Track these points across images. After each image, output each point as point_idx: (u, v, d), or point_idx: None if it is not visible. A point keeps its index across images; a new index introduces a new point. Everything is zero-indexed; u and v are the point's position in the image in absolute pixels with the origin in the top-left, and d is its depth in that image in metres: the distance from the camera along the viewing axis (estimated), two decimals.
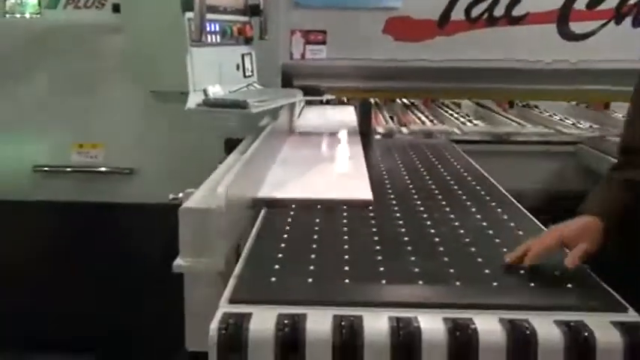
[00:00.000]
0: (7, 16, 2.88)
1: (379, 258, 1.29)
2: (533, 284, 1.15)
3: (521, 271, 1.21)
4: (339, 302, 1.06)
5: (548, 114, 3.78)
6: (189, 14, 1.83)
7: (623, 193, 1.24)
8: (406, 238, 1.43)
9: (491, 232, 1.49)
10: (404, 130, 3.30)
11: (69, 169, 2.85)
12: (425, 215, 1.63)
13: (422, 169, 2.21)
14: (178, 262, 1.27)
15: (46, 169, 2.82)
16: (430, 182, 2.02)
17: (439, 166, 2.29)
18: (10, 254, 2.70)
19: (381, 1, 2.66)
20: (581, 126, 3.44)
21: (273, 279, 1.16)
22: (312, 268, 1.22)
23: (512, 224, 1.57)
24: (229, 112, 1.88)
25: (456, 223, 1.56)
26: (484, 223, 1.57)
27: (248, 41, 2.27)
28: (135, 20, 1.89)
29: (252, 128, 2.13)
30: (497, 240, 1.43)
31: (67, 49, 2.76)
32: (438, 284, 1.16)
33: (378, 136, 3.09)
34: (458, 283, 1.16)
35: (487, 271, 1.22)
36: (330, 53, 2.71)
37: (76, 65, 2.74)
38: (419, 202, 1.76)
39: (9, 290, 2.66)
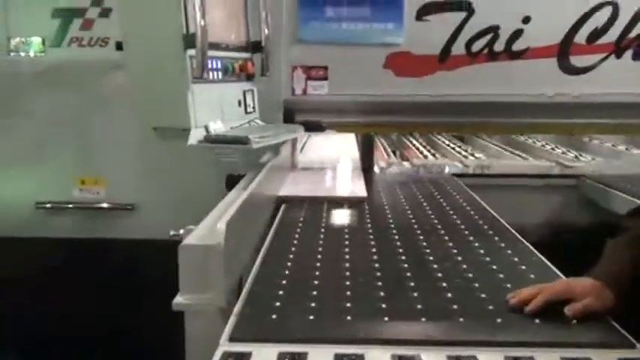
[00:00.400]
0: (12, 54, 2.90)
1: (381, 294, 1.27)
2: (538, 320, 1.14)
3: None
4: (340, 340, 1.04)
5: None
6: (191, 51, 1.85)
7: (631, 268, 1.23)
8: (408, 274, 1.42)
9: (494, 267, 1.48)
10: (406, 164, 3.30)
11: (71, 206, 2.84)
12: (427, 250, 1.61)
13: (424, 204, 2.20)
14: (178, 299, 1.26)
15: (48, 205, 2.81)
16: (432, 217, 2.01)
17: (441, 200, 2.29)
18: (11, 291, 2.68)
19: (383, 37, 2.68)
20: (583, 158, 3.44)
21: (274, 316, 1.15)
22: (313, 305, 1.20)
23: (515, 259, 1.55)
24: (231, 148, 1.88)
25: (459, 258, 1.55)
26: (487, 258, 1.55)
27: (250, 77, 2.28)
28: (137, 57, 1.91)
29: (253, 164, 2.13)
30: (500, 275, 1.42)
31: (70, 86, 2.78)
32: (442, 321, 1.15)
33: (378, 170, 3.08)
34: (461, 320, 1.14)
35: (491, 307, 1.21)
36: (331, 89, 2.73)
37: (78, 102, 2.76)
38: (421, 237, 1.75)
39: (10, 324, 2.65)
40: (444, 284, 1.35)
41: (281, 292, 1.27)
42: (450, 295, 1.28)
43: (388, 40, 2.68)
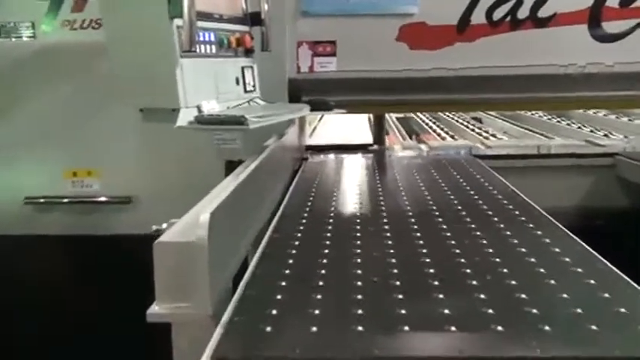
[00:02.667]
0: (1, 39, 2.71)
1: (399, 297, 1.05)
2: (596, 327, 0.91)
3: (579, 309, 0.97)
4: (348, 358, 0.83)
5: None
6: (178, 21, 1.62)
7: None
8: (431, 270, 1.19)
9: (532, 259, 1.25)
10: (423, 147, 3.06)
11: (65, 200, 2.64)
12: (452, 242, 1.39)
13: (445, 188, 1.98)
14: (153, 309, 1.04)
15: (38, 200, 2.61)
16: (455, 202, 1.78)
17: (464, 183, 2.05)
18: (2, 292, 2.50)
19: (395, 6, 2.45)
20: (613, 136, 3.18)
21: (269, 328, 0.93)
22: (316, 312, 0.99)
23: (556, 249, 1.32)
24: (226, 130, 1.67)
25: (490, 250, 1.32)
26: (523, 249, 1.32)
27: (249, 53, 2.05)
28: (117, 31, 1.71)
29: (256, 148, 1.92)
30: (541, 270, 1.19)
31: (60, 72, 2.60)
32: (475, 331, 0.92)
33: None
34: (500, 329, 0.92)
35: (535, 310, 0.98)
36: (340, 65, 2.50)
37: (69, 88, 2.57)
38: (444, 227, 1.52)
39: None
40: (474, 282, 1.12)
41: (279, 297, 1.06)
42: (482, 296, 1.05)
43: (401, 10, 2.45)
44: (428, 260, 1.25)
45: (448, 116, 4.14)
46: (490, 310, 0.98)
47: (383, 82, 2.49)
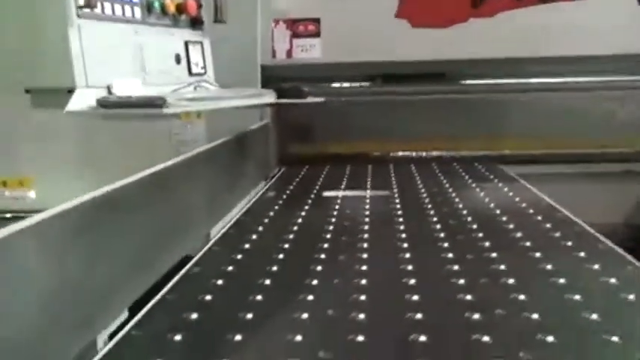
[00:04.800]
0: None
1: None
2: None
3: None
4: None
5: None
6: None
7: None
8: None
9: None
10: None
11: None
12: (467, 286, 0.89)
13: (458, 204, 1.47)
14: None
15: None
16: (470, 219, 1.28)
17: (483, 196, 1.55)
18: None
19: None
20: None
21: None
22: None
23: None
24: (136, 116, 1.19)
25: (522, 298, 0.82)
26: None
27: (196, 25, 1.57)
28: None
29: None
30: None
31: None
32: None
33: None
34: None
35: None
36: (325, 50, 2.01)
37: None
38: (449, 256, 1.02)
39: None
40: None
41: None
42: None
43: None
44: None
45: None
46: None
47: (377, 67, 1.99)
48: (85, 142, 2.03)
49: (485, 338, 0.73)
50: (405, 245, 1.12)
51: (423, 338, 0.73)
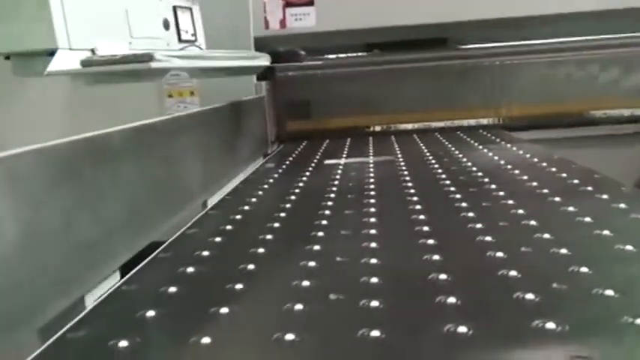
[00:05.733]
0: None
1: None
2: None
3: None
4: None
5: None
6: None
7: None
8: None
9: None
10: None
11: None
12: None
13: (466, 163, 1.40)
14: None
15: None
16: (485, 177, 1.20)
17: (492, 155, 1.48)
18: None
19: None
20: None
21: None
22: None
23: None
24: (120, 76, 1.11)
25: (547, 236, 0.75)
26: None
27: None
28: None
29: None
30: None
31: None
32: None
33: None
34: None
35: None
36: (320, 18, 1.94)
37: None
38: (463, 205, 0.94)
39: None
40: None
41: None
42: None
43: None
44: None
45: None
46: None
47: (375, 34, 1.92)
48: (72, 128, 1.96)
49: (513, 273, 0.66)
50: (416, 198, 1.04)
51: (443, 276, 0.66)
